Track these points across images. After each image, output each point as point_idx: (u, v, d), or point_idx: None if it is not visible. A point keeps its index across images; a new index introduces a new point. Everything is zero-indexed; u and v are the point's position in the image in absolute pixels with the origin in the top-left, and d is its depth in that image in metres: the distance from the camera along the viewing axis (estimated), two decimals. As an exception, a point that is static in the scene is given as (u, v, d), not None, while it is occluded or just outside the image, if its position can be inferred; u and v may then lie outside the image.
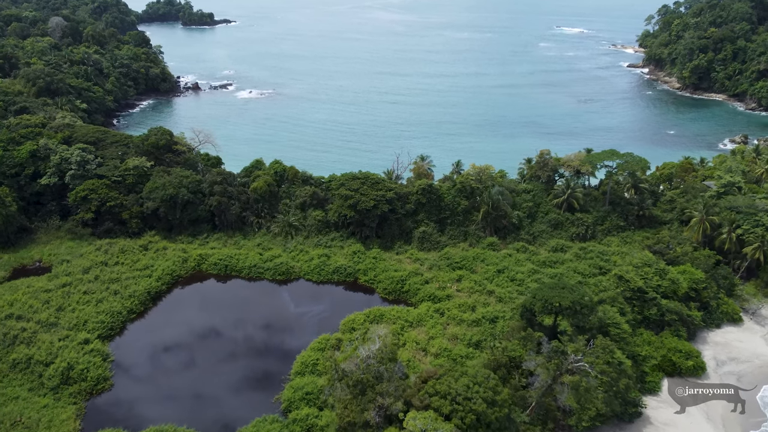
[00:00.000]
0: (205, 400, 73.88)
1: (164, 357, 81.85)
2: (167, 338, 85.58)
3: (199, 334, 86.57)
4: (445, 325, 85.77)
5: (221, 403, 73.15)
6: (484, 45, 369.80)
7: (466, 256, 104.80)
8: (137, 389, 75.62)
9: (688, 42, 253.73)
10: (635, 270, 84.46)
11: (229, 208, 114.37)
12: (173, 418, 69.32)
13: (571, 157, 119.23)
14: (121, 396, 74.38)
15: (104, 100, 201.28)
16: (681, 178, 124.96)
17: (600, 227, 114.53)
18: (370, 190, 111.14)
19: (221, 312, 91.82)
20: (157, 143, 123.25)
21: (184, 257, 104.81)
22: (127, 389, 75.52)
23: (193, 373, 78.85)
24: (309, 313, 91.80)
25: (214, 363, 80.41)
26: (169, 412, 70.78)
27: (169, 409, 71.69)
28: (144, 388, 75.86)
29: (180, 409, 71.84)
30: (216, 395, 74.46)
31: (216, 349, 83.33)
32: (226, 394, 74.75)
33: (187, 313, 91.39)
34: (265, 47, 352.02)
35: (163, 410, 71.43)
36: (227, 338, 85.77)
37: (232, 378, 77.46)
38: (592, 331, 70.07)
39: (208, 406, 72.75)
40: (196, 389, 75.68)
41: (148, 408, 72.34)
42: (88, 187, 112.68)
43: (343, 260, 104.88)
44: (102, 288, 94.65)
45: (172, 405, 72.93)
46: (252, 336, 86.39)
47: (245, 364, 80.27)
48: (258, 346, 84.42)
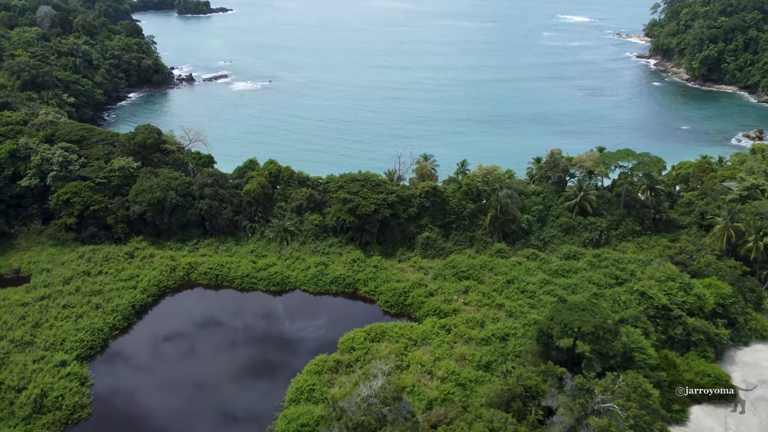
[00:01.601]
0: (192, 429, 67.69)
1: (147, 379, 75.43)
2: (151, 358, 79.27)
3: (186, 354, 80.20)
4: (452, 344, 79.36)
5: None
6: (485, 35, 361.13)
7: (473, 264, 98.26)
8: (117, 418, 69.17)
9: (698, 32, 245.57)
10: (658, 285, 77.86)
11: (221, 212, 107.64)
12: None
13: (584, 157, 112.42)
14: (99, 426, 68.04)
15: (93, 93, 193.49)
16: (699, 178, 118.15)
17: (614, 232, 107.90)
18: (370, 193, 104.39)
19: (211, 328, 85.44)
20: (144, 142, 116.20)
21: (172, 266, 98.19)
22: (106, 418, 69.05)
23: (178, 398, 72.52)
24: (305, 329, 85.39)
25: (203, 387, 74.03)
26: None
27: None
28: (124, 416, 69.41)
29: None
30: (205, 424, 68.16)
31: (205, 370, 76.93)
32: (215, 423, 68.42)
33: (173, 330, 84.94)
34: (261, 37, 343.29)
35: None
36: (216, 358, 79.28)
37: (222, 405, 71.11)
38: (615, 358, 63.75)
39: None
40: (182, 417, 69.33)
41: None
42: (70, 190, 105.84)
43: (342, 269, 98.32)
44: (83, 301, 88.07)
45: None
46: (243, 356, 79.92)
47: (235, 389, 73.80)
48: (250, 367, 77.93)
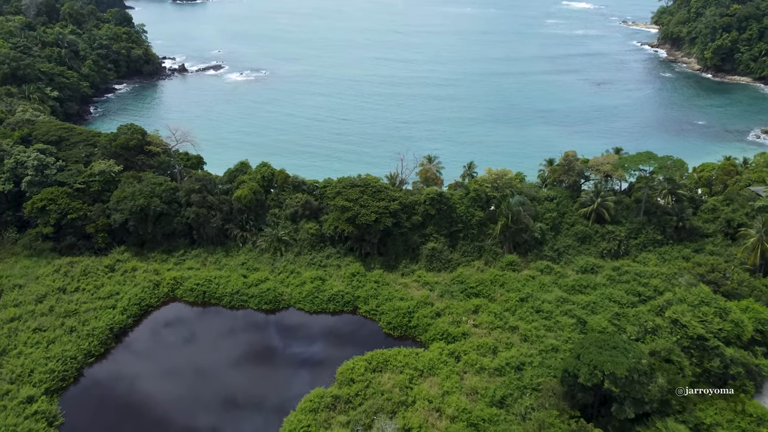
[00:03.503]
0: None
1: (124, 415, 67.76)
2: (129, 390, 71.47)
3: (168, 385, 72.43)
4: (462, 374, 71.79)
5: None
6: (487, 23, 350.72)
7: (483, 279, 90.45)
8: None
9: (710, 20, 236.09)
10: (691, 310, 70.12)
11: (209, 220, 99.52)
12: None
13: (601, 159, 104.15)
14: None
15: (79, 86, 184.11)
16: (722, 181, 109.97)
17: (634, 241, 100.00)
18: (371, 201, 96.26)
19: (196, 354, 77.57)
20: (127, 144, 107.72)
21: (155, 281, 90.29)
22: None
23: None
24: (300, 354, 77.67)
25: (186, 424, 66.49)
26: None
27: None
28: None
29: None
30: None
31: (188, 405, 69.21)
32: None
33: (155, 356, 77.23)
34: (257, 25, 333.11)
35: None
36: (202, 389, 71.53)
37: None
38: (651, 404, 56.20)
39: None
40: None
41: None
42: (46, 197, 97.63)
43: (340, 284, 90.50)
44: (56, 324, 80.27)
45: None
46: (231, 387, 72.03)
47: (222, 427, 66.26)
48: (238, 401, 70.17)
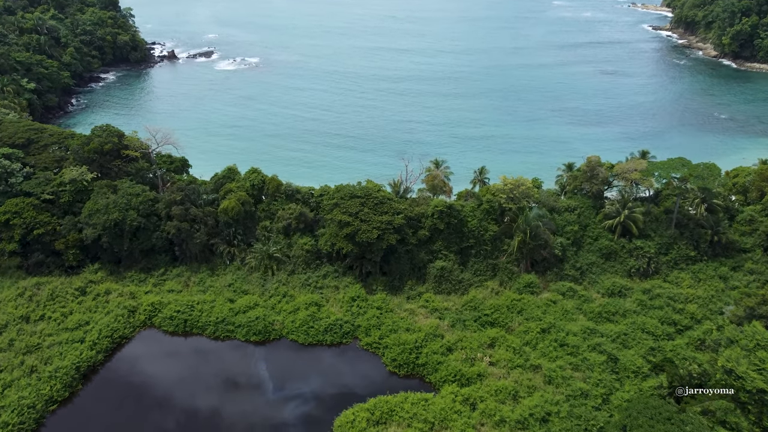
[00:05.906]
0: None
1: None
2: (96, 446, 62.12)
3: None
4: (479, 427, 62.30)
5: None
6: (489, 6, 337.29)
7: (499, 305, 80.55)
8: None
9: (728, 3, 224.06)
10: (746, 355, 60.43)
11: (192, 235, 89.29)
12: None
13: (628, 166, 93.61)
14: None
15: (60, 76, 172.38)
16: (760, 189, 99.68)
17: (664, 258, 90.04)
18: (372, 214, 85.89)
19: (172, 399, 67.80)
20: (101, 148, 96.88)
21: (131, 308, 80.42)
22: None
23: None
24: (292, 400, 67.95)
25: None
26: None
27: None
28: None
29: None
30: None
31: (162, 466, 59.95)
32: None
33: (126, 401, 67.47)
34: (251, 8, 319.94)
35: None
36: (179, 445, 62.29)
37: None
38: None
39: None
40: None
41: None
42: (9, 210, 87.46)
43: (339, 311, 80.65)
44: (15, 362, 70.50)
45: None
46: (213, 442, 62.79)
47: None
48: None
